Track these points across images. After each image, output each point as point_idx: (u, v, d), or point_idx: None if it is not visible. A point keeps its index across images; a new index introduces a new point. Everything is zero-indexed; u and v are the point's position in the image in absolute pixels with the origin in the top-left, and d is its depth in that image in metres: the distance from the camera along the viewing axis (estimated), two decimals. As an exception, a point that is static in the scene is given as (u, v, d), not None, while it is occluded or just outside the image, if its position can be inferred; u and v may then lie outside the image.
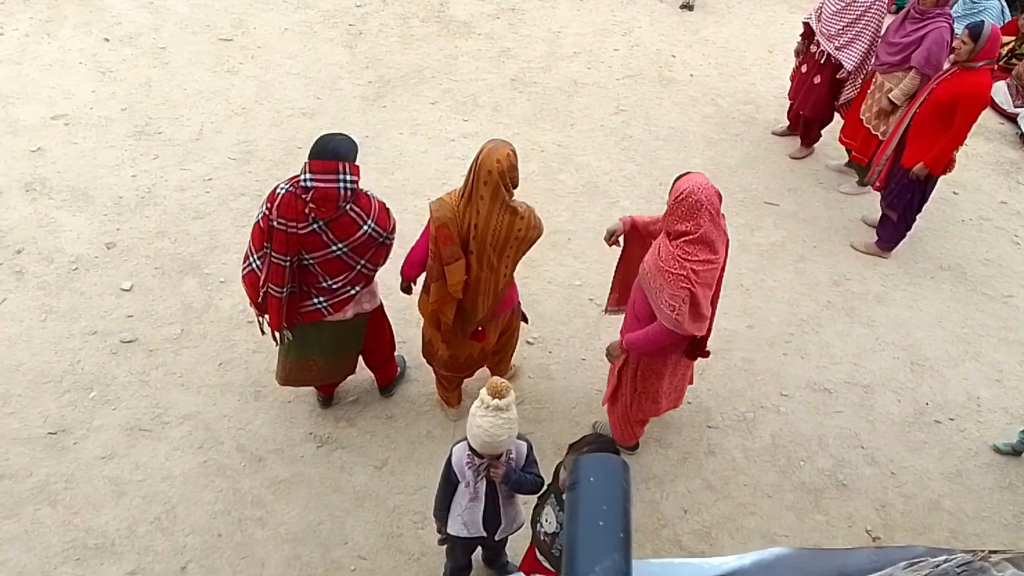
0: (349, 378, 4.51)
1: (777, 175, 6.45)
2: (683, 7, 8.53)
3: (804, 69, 6.23)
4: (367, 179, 5.83)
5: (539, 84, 7.15)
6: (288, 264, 3.49)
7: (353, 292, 3.72)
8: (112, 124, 6.13)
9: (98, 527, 3.85)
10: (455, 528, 3.32)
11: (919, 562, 0.62)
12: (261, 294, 3.59)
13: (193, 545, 3.83)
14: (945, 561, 0.61)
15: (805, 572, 0.63)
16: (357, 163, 3.51)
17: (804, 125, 6.52)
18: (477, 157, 3.54)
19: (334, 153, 3.40)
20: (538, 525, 3.20)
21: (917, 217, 5.62)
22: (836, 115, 6.37)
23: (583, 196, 6.01)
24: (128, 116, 6.21)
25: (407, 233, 5.45)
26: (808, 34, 6.12)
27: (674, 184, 3.42)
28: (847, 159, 6.38)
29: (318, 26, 7.50)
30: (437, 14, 7.93)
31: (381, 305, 4.10)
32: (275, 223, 3.43)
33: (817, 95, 6.18)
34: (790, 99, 6.54)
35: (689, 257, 3.36)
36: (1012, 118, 7.51)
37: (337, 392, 4.48)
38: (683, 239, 3.37)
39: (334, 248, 3.50)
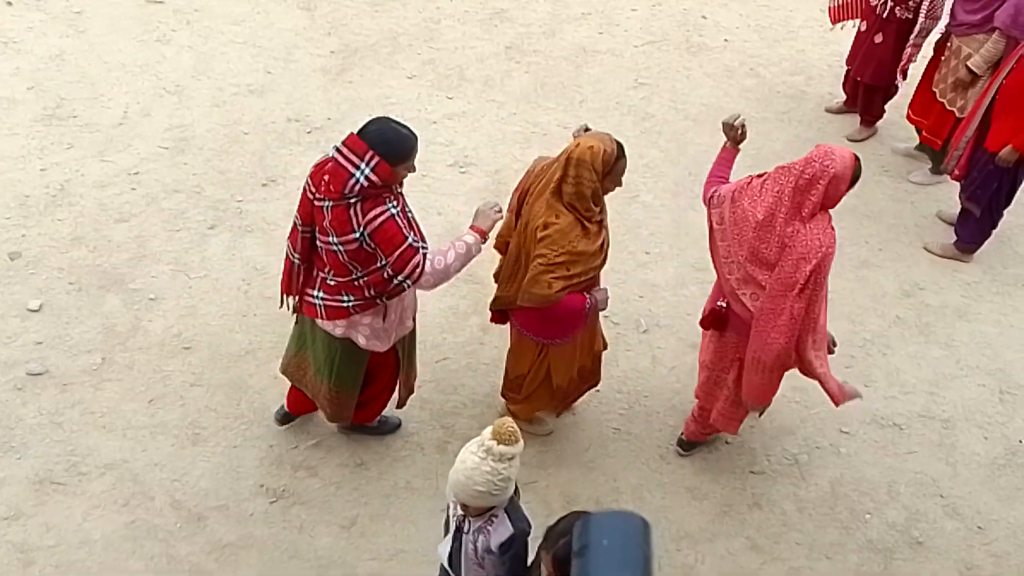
0: (310, 415, 4.52)
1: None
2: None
3: (864, 28, 6.28)
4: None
5: (541, 53, 7.18)
6: (301, 232, 3.78)
7: (346, 303, 3.81)
8: (15, 107, 6.14)
9: (0, 604, 3.85)
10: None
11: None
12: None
13: (118, 626, 3.82)
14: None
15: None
16: (404, 167, 3.64)
17: (864, 98, 6.55)
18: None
19: (372, 137, 3.54)
20: None
21: (1005, 212, 5.65)
22: (902, 85, 6.41)
23: (595, 189, 6.02)
24: (35, 96, 6.23)
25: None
26: None
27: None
28: (917, 141, 6.41)
29: (269, -16, 7.54)
30: (414, -32, 7.97)
31: (406, 359, 4.24)
32: (305, 183, 3.73)
33: (879, 58, 6.21)
34: (847, 65, 6.58)
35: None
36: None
37: (295, 433, 4.48)
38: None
39: (331, 239, 3.65)
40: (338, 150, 3.54)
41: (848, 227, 5.95)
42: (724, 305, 4.02)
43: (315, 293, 3.86)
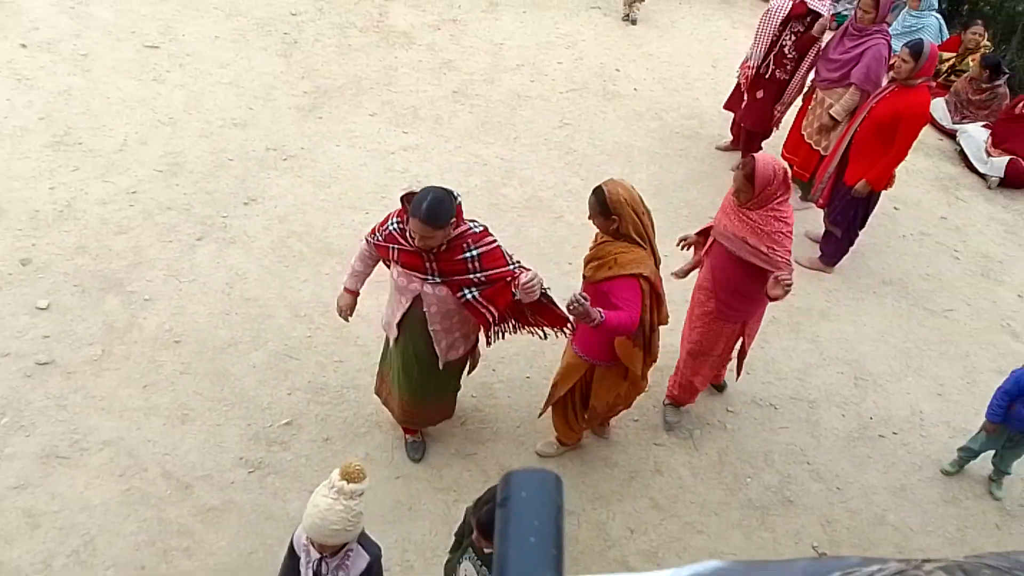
0: (283, 397, 4.45)
1: (722, 190, 6.51)
2: (626, 20, 8.68)
3: (744, 80, 6.40)
4: (301, 192, 5.80)
5: (482, 96, 7.19)
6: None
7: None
8: (28, 134, 5.95)
9: (10, 562, 3.70)
10: None
11: (852, 572, 0.63)
12: None
13: (114, 579, 3.70)
14: (879, 571, 0.62)
15: (741, 584, 0.64)
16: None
17: (746, 139, 6.68)
18: (631, 202, 3.65)
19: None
20: None
21: (860, 232, 5.79)
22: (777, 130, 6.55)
23: (527, 211, 6.04)
24: (46, 126, 6.04)
25: (344, 250, 5.43)
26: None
27: (746, 171, 3.93)
28: (790, 174, 6.53)
29: (251, 34, 7.43)
30: (376, 24, 7.92)
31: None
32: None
33: (760, 109, 6.35)
34: (725, 109, 6.71)
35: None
36: (951, 134, 7.82)
37: (270, 413, 4.40)
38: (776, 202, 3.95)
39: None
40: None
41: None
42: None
43: None
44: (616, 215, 3.62)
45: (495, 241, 3.58)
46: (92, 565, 3.73)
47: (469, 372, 4.25)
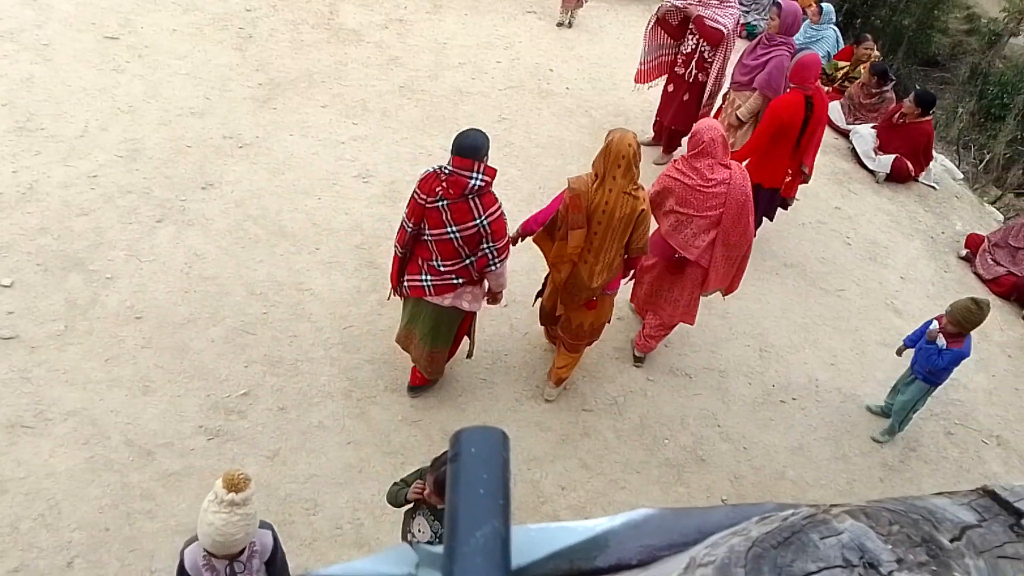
0: (241, 370, 4.37)
1: (644, 180, 6.64)
2: (561, 25, 8.68)
3: (671, 89, 6.47)
4: (256, 178, 5.66)
5: (426, 92, 7.10)
6: (410, 231, 3.81)
7: (456, 282, 3.90)
8: (-10, 119, 5.66)
9: (-24, 527, 3.56)
10: None
11: (768, 516, 0.66)
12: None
13: (79, 540, 3.60)
14: (792, 515, 0.65)
15: (669, 529, 0.66)
16: (492, 165, 3.73)
17: (669, 136, 6.76)
18: (608, 146, 3.87)
19: (471, 151, 3.63)
20: (410, 536, 3.05)
21: (764, 221, 5.92)
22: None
23: (468, 198, 6.00)
24: (8, 112, 5.75)
25: (298, 232, 5.33)
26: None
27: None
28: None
29: (207, 28, 7.18)
30: (327, 21, 7.74)
31: (474, 317, 4.29)
32: (414, 193, 3.77)
33: (687, 111, 6.42)
34: (658, 116, 6.77)
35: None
36: (844, 134, 8.04)
37: (228, 384, 4.31)
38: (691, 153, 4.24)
39: (448, 230, 3.72)
40: (452, 170, 3.63)
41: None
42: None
43: (421, 278, 3.91)
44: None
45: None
46: (58, 527, 3.62)
47: (468, 356, 4.49)
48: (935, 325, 4.57)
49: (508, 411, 4.59)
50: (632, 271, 4.33)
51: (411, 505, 3.09)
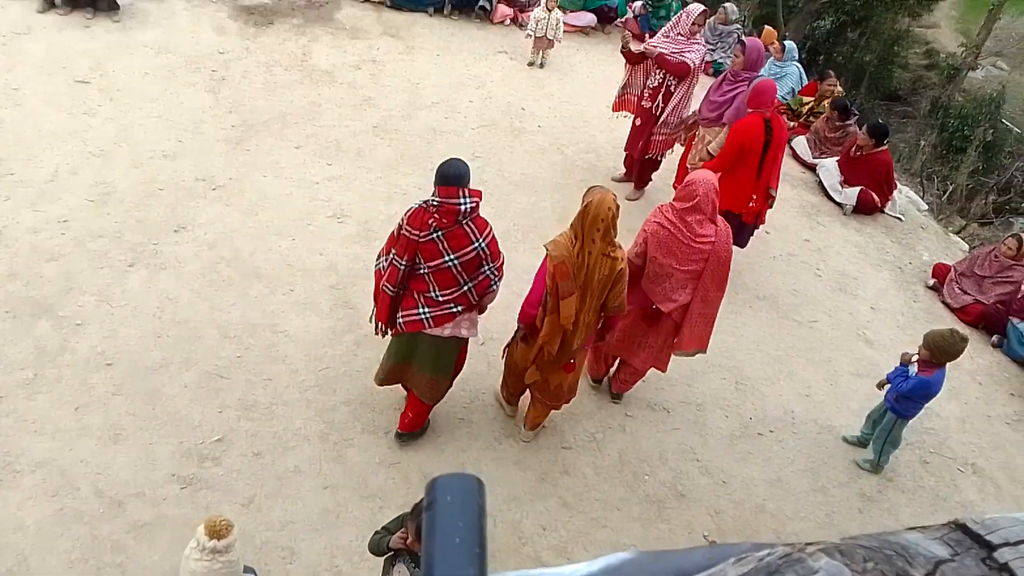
0: (214, 415, 4.31)
1: (620, 217, 6.72)
2: (532, 64, 8.82)
3: (639, 123, 6.58)
4: (229, 220, 5.64)
5: (400, 131, 7.16)
6: (404, 268, 3.78)
7: (455, 310, 3.87)
8: (-43, 164, 5.60)
9: (-62, 585, 3.45)
10: None
11: (745, 557, 0.67)
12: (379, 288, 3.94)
13: (47, 597, 3.49)
14: (768, 555, 0.66)
15: (648, 573, 0.66)
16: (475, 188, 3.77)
17: (640, 169, 6.86)
18: (586, 209, 3.79)
19: (455, 179, 3.67)
20: None
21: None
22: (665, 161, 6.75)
23: (443, 236, 6.03)
24: (-25, 156, 5.71)
25: (271, 274, 5.31)
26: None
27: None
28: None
29: (180, 71, 7.20)
30: (300, 63, 7.80)
31: (467, 344, 4.23)
32: (404, 230, 3.75)
33: (647, 140, 6.55)
34: (627, 150, 6.87)
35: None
36: (811, 167, 8.21)
37: (202, 430, 4.25)
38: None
39: (446, 259, 3.73)
40: (440, 201, 3.64)
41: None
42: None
43: (418, 311, 3.88)
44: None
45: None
46: (24, 584, 3.52)
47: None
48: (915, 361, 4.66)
49: (487, 450, 4.56)
50: (607, 331, 4.22)
51: (391, 552, 3.05)
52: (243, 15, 8.41)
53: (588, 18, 9.97)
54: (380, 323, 4.01)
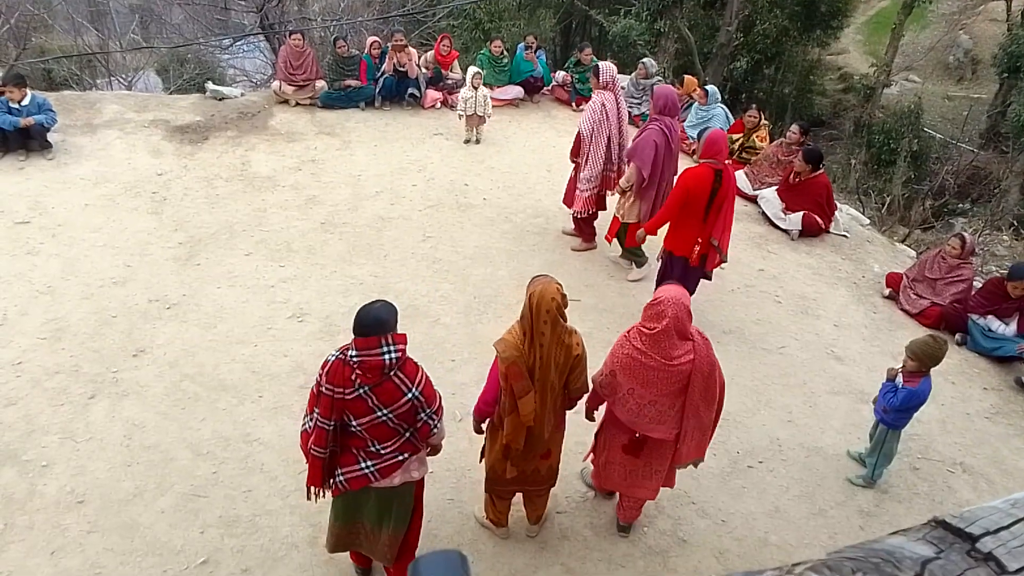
0: (196, 537, 4.17)
1: (575, 274, 6.83)
2: (468, 142, 9.04)
3: (572, 177, 6.88)
4: (188, 336, 5.59)
5: (349, 224, 7.23)
6: (331, 428, 3.40)
7: (401, 458, 3.55)
8: (-100, 323, 5.49)
9: None
10: None
11: (736, 588, 0.68)
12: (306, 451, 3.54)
13: None
14: (757, 582, 0.67)
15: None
16: (400, 331, 3.40)
17: (576, 226, 7.08)
18: (529, 301, 3.65)
19: (375, 327, 3.29)
20: None
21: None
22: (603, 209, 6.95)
23: (406, 319, 5.95)
24: (-82, 312, 5.60)
25: (238, 383, 5.24)
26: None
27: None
28: (620, 252, 6.93)
29: (120, 197, 7.23)
30: (240, 173, 7.89)
31: (422, 483, 3.85)
32: (324, 388, 3.36)
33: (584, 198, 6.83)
34: (564, 203, 7.08)
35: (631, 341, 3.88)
36: (752, 199, 8.47)
37: (185, 555, 4.10)
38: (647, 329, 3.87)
39: (379, 414, 3.37)
40: (358, 355, 3.27)
41: (593, 319, 6.26)
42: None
43: (360, 466, 3.50)
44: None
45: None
46: None
47: None
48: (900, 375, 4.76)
49: (481, 528, 4.48)
50: (575, 403, 4.07)
51: None
52: (177, 135, 8.52)
53: (515, 91, 10.31)
54: (309, 486, 3.58)
